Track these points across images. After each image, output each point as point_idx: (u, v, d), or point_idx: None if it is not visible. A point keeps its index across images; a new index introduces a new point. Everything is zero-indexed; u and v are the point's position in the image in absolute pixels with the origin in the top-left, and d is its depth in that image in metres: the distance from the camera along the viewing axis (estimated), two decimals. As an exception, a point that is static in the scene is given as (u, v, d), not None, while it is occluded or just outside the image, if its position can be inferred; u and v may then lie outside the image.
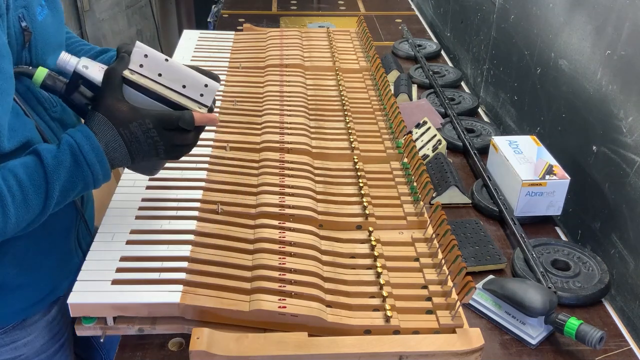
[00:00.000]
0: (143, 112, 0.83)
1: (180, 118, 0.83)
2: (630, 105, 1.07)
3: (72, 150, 0.80)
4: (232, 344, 0.81)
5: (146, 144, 0.84)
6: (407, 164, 1.15)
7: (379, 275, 0.91)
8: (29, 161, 0.79)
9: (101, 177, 0.83)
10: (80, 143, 0.81)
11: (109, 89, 0.83)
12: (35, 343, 0.99)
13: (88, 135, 0.81)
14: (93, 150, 0.81)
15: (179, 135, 0.85)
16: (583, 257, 1.07)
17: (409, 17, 2.27)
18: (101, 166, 0.82)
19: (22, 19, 0.83)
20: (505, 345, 0.92)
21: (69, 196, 0.83)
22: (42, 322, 0.99)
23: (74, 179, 0.81)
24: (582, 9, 1.23)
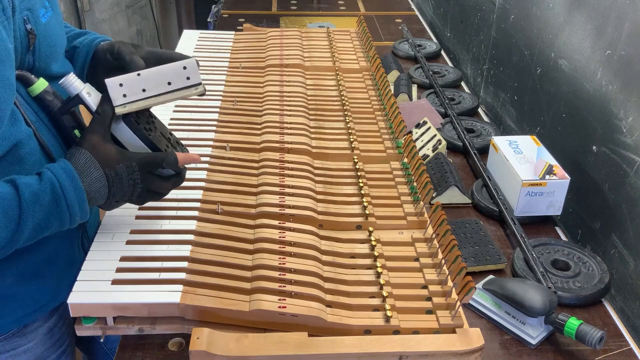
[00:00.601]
0: (130, 155, 0.84)
1: (164, 160, 0.85)
2: (630, 105, 1.07)
3: (53, 189, 0.79)
4: (232, 344, 0.81)
5: (127, 185, 0.84)
6: (407, 164, 1.15)
7: (379, 275, 0.91)
8: (5, 192, 0.76)
9: (78, 218, 0.83)
10: (62, 183, 0.79)
11: (98, 129, 0.83)
12: (35, 350, 0.98)
13: (72, 175, 0.80)
14: (75, 191, 0.80)
15: (159, 182, 0.87)
16: (583, 257, 1.07)
17: (409, 17, 2.27)
18: (80, 207, 0.82)
19: (27, 21, 0.83)
20: (505, 345, 0.92)
21: (42, 233, 0.81)
22: (42, 329, 0.98)
23: (50, 217, 0.80)
24: (582, 9, 1.23)
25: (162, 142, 0.89)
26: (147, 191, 0.87)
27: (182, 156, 0.87)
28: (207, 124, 1.26)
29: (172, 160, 0.86)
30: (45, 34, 0.87)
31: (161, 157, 0.85)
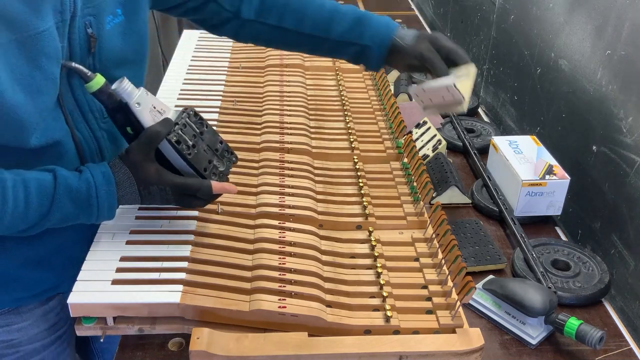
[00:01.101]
0: (166, 179, 0.87)
1: (199, 189, 0.88)
2: (630, 105, 1.07)
3: (89, 189, 0.84)
4: (232, 344, 0.81)
5: (160, 200, 0.89)
6: (407, 164, 1.15)
7: (379, 275, 0.91)
8: (45, 179, 0.82)
9: (104, 219, 0.88)
10: (98, 186, 0.84)
11: (143, 147, 0.86)
12: (29, 330, 1.00)
13: (110, 182, 0.85)
14: (108, 197, 0.85)
15: (192, 201, 0.90)
16: (583, 257, 1.07)
17: (409, 17, 2.26)
18: (109, 211, 0.87)
19: (89, 26, 0.85)
20: (505, 345, 0.92)
21: (66, 223, 0.86)
22: (38, 310, 1.00)
23: (78, 212, 0.85)
24: (582, 9, 1.23)
25: (204, 161, 0.90)
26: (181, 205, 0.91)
27: (217, 187, 0.90)
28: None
29: (206, 191, 0.89)
30: (108, 39, 0.89)
31: (195, 187, 0.88)
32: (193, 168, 0.89)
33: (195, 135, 0.90)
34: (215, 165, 0.92)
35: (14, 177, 0.80)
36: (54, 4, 0.79)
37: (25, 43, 0.77)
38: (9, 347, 1.00)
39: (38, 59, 0.78)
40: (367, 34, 1.04)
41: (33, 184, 0.80)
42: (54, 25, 0.80)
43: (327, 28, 1.05)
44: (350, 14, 1.06)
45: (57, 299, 1.02)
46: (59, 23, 0.81)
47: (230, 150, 0.95)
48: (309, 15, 1.05)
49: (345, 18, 1.05)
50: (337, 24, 1.05)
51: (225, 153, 0.94)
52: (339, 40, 1.05)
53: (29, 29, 0.76)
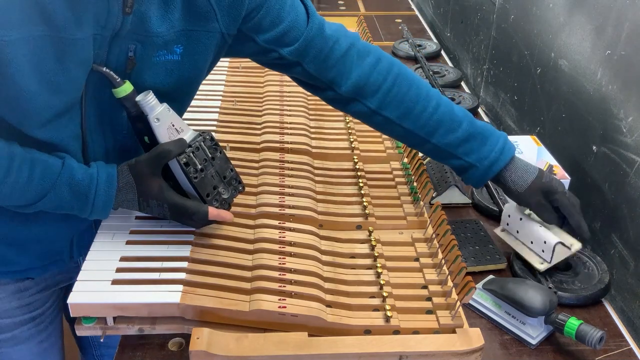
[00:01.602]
0: (166, 196, 0.88)
1: (194, 213, 0.89)
2: (630, 105, 1.07)
3: (89, 183, 0.85)
4: (232, 344, 0.81)
5: (157, 214, 0.90)
6: (407, 164, 1.15)
7: (379, 275, 0.91)
8: (53, 164, 0.83)
9: (95, 216, 0.88)
10: (99, 186, 0.85)
11: (152, 162, 0.87)
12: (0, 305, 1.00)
13: (111, 184, 0.86)
14: (106, 199, 0.86)
15: (188, 221, 0.91)
16: (583, 257, 1.07)
17: (409, 17, 2.27)
18: (103, 209, 0.87)
19: (132, 50, 0.84)
20: (505, 345, 0.92)
21: (61, 210, 0.87)
22: (11, 286, 1.00)
23: (73, 205, 0.86)
24: (582, 9, 1.23)
25: (209, 186, 0.91)
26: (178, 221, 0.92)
27: (213, 213, 0.90)
28: (207, 124, 1.26)
29: (201, 216, 0.90)
30: (152, 71, 0.88)
31: (192, 210, 0.89)
32: (196, 191, 0.90)
33: (206, 159, 0.91)
34: (220, 192, 0.92)
35: (24, 153, 0.81)
36: (98, 16, 0.79)
37: (58, 43, 0.77)
38: None
39: (66, 61, 0.79)
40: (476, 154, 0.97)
41: (40, 164, 0.82)
42: (92, 36, 0.80)
43: (432, 131, 0.98)
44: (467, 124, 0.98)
45: (35, 280, 1.02)
46: (98, 35, 0.80)
47: (239, 180, 0.96)
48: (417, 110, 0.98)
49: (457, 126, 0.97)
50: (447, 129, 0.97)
51: (232, 181, 0.95)
52: (440, 145, 0.98)
53: (66, 33, 0.77)
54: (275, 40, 0.95)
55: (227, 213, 0.93)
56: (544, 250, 1.00)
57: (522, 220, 1.04)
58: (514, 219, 1.06)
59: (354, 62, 0.98)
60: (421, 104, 0.97)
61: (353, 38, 1.00)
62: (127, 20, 0.81)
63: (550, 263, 1.00)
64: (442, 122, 0.97)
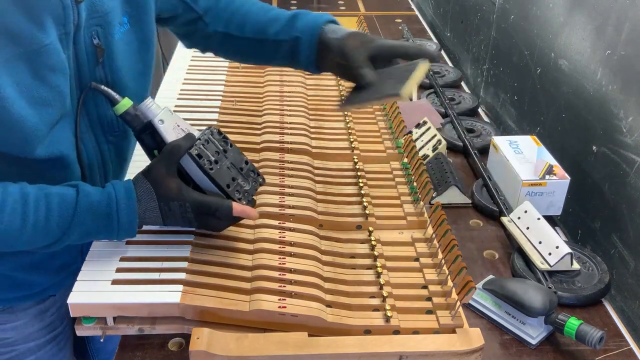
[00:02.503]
0: (186, 195, 0.85)
1: (218, 209, 0.86)
2: (630, 105, 1.07)
3: (109, 202, 0.83)
4: (232, 344, 0.81)
5: (181, 220, 0.87)
6: (407, 164, 1.15)
7: (379, 275, 0.91)
8: (67, 195, 0.82)
9: (124, 235, 0.87)
10: (119, 200, 0.84)
11: (166, 162, 0.86)
12: (23, 329, 1.00)
13: (130, 196, 0.84)
14: (128, 211, 0.84)
15: (213, 221, 0.88)
16: (583, 257, 1.07)
17: (409, 17, 2.26)
18: (129, 226, 0.85)
19: (95, 36, 0.85)
20: (505, 345, 0.92)
21: (88, 239, 0.87)
22: (32, 310, 1.00)
23: (99, 228, 0.84)
24: (582, 9, 1.23)
25: (227, 177, 0.89)
26: (205, 226, 0.90)
27: (237, 209, 0.88)
28: (207, 124, 1.26)
29: (225, 212, 0.87)
30: (118, 50, 0.89)
31: (215, 206, 0.87)
32: (216, 184, 0.88)
33: (218, 152, 0.90)
34: (240, 184, 0.90)
35: (37, 191, 0.80)
36: (56, 16, 0.79)
37: (29, 57, 0.77)
38: (4, 346, 1.00)
39: (43, 73, 0.78)
40: (299, 27, 1.03)
41: (55, 198, 0.81)
42: (57, 38, 0.80)
43: (264, 29, 1.06)
44: (288, 13, 1.06)
45: (52, 300, 1.02)
46: (62, 35, 0.81)
47: (257, 172, 0.94)
48: (250, 20, 1.07)
49: (281, 17, 1.05)
50: (274, 23, 1.05)
51: (250, 173, 0.93)
52: (274, 39, 1.05)
53: (33, 43, 0.77)
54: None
55: (252, 210, 0.90)
56: (550, 254, 1.01)
57: (539, 220, 1.06)
58: (530, 216, 1.07)
59: None
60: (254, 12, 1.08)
61: None
62: (82, 8, 0.81)
63: (551, 267, 1.00)
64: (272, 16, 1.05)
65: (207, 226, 0.90)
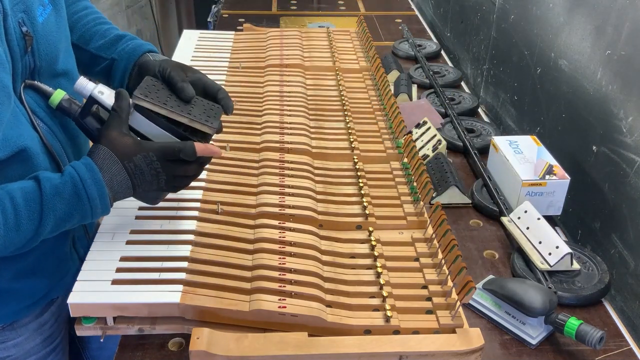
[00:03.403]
0: (146, 145, 0.84)
1: (181, 150, 0.85)
2: (630, 105, 1.07)
3: (74, 183, 0.81)
4: (232, 344, 0.81)
5: (149, 175, 0.85)
6: (407, 164, 1.15)
7: (379, 275, 0.91)
8: (28, 186, 0.79)
9: (100, 211, 0.84)
10: (82, 176, 0.81)
11: (114, 123, 0.84)
12: (25, 345, 0.99)
13: (91, 168, 0.82)
14: (95, 184, 0.81)
15: (181, 167, 0.86)
16: (583, 257, 1.07)
17: (409, 17, 2.27)
18: (101, 200, 0.83)
19: (22, 24, 0.83)
20: (505, 345, 0.92)
21: (64, 226, 0.83)
22: (33, 324, 0.99)
23: (72, 210, 0.82)
24: (582, 9, 1.23)
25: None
26: (174, 177, 0.87)
27: (200, 147, 0.86)
28: (207, 124, 1.26)
29: (189, 151, 0.85)
30: (44, 33, 0.87)
31: (178, 148, 0.85)
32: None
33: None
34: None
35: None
36: None
37: None
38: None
39: None
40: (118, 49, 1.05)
41: (18, 193, 0.78)
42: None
43: (88, 40, 1.06)
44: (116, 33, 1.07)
45: (50, 311, 1.01)
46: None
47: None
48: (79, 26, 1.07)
49: (107, 35, 1.06)
50: (99, 38, 1.06)
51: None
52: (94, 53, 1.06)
53: None
54: None
55: (215, 147, 0.89)
56: (550, 254, 1.01)
57: (539, 220, 1.06)
58: (530, 216, 1.07)
59: None
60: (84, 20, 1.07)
61: None
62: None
63: (551, 267, 1.00)
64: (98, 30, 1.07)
65: (176, 176, 0.87)
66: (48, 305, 1.00)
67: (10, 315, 0.95)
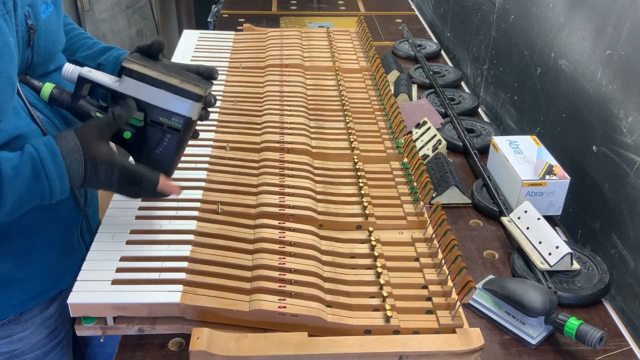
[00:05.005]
0: (117, 160, 0.85)
1: (144, 179, 0.87)
2: (630, 105, 1.07)
3: (34, 163, 0.80)
4: (232, 344, 0.81)
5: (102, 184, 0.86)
6: (407, 164, 1.15)
7: (379, 275, 0.91)
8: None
9: (59, 193, 0.83)
10: (42, 157, 0.80)
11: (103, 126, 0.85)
12: (30, 339, 1.00)
13: (53, 150, 0.81)
14: (55, 166, 0.81)
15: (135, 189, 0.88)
16: (583, 257, 1.07)
17: (409, 17, 2.27)
18: (60, 182, 0.82)
19: (28, 16, 0.84)
20: (505, 345, 0.92)
21: (23, 207, 0.82)
22: (38, 318, 0.99)
23: (31, 191, 0.81)
24: (582, 9, 1.23)
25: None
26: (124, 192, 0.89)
27: (162, 185, 0.88)
28: (207, 123, 1.26)
29: (151, 184, 0.88)
30: (45, 30, 0.88)
31: (142, 176, 0.87)
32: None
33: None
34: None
35: None
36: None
37: None
38: (12, 358, 1.00)
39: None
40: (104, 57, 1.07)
41: None
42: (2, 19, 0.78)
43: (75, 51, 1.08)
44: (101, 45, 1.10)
45: (55, 305, 1.02)
46: (5, 16, 0.79)
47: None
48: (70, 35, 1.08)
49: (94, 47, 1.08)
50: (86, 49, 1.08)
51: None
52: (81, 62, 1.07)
53: None
54: None
55: (175, 186, 0.90)
56: (550, 254, 1.01)
57: (539, 220, 1.06)
58: (530, 216, 1.08)
59: None
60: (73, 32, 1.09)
61: None
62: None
63: (551, 267, 1.00)
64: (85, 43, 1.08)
65: (125, 192, 0.89)
66: (53, 299, 1.01)
67: (16, 307, 0.96)
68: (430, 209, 1.00)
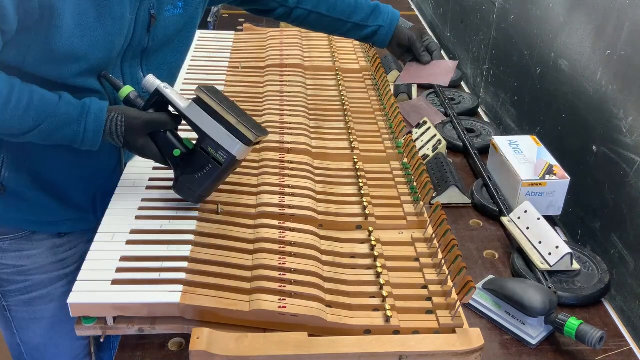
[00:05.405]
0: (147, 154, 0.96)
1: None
2: (630, 105, 1.07)
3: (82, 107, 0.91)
4: (232, 344, 0.81)
5: None
6: (407, 164, 1.15)
7: (379, 275, 0.91)
8: (50, 96, 0.90)
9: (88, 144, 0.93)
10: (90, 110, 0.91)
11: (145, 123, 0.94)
12: (38, 259, 1.07)
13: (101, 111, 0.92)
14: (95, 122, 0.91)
15: None
16: (583, 257, 1.07)
17: (409, 17, 2.26)
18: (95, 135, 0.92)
19: (152, 7, 0.97)
20: (505, 345, 0.92)
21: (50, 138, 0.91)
22: (47, 242, 1.07)
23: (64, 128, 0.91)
24: (582, 9, 1.23)
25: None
26: None
27: None
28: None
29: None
30: (164, 24, 1.01)
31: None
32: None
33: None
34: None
35: (24, 85, 0.88)
36: None
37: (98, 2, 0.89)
38: (19, 274, 1.06)
39: (104, 18, 0.90)
40: (382, 18, 1.32)
41: (37, 95, 0.88)
42: None
43: (351, 14, 1.31)
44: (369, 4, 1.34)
45: (68, 237, 1.09)
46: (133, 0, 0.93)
47: None
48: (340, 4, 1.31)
49: (365, 7, 1.32)
50: (359, 11, 1.32)
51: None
52: (358, 23, 1.32)
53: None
54: None
55: None
56: (550, 254, 1.01)
57: (539, 220, 1.06)
58: (530, 215, 1.08)
59: None
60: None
61: None
62: None
63: (551, 267, 1.00)
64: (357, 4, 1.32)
65: None
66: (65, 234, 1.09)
67: (23, 223, 1.04)
68: (430, 209, 1.00)
